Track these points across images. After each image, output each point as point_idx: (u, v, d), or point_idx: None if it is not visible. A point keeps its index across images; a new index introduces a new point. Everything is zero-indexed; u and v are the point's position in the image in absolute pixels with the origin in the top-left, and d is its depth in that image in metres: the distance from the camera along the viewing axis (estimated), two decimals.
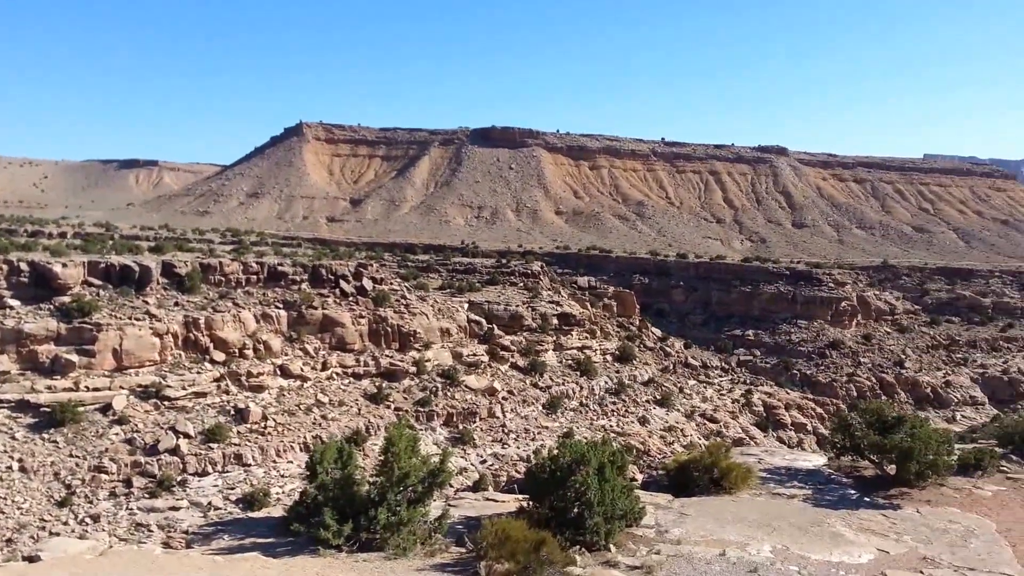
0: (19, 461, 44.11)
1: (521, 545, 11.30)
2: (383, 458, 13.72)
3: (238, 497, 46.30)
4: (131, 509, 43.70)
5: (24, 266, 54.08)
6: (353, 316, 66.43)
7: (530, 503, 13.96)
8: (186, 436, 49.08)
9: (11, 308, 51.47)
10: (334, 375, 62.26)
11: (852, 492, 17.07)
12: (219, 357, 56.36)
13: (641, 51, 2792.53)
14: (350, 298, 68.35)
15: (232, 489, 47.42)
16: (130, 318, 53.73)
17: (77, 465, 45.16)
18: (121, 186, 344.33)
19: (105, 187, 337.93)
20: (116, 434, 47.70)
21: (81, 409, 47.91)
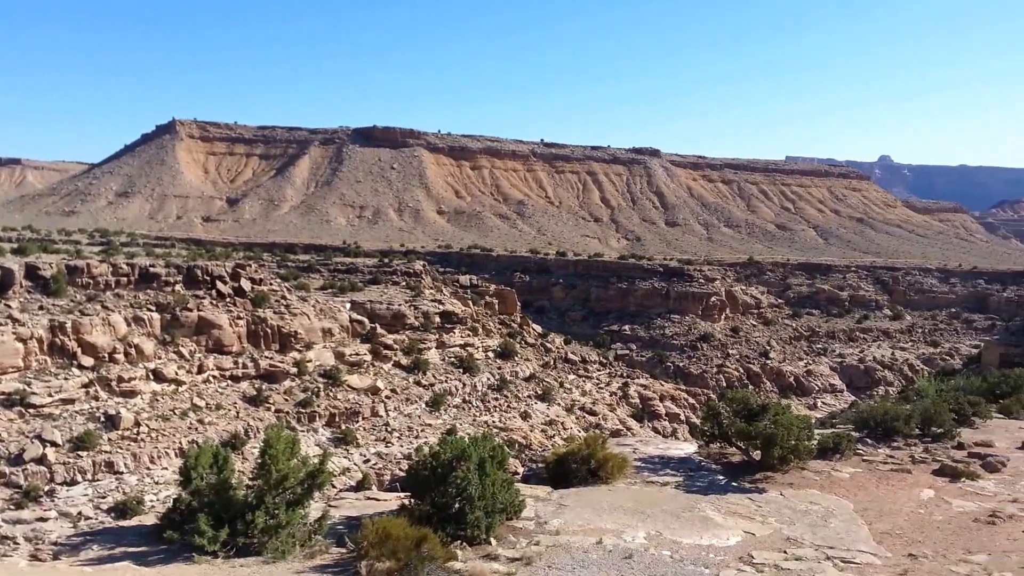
0: None
1: (402, 543, 11.33)
2: (261, 461, 13.45)
3: (110, 506, 44.49)
4: None
5: None
6: (231, 318, 64.30)
7: (412, 500, 13.94)
8: (53, 445, 46.85)
9: None
10: (211, 378, 60.14)
11: (721, 478, 17.63)
12: (88, 362, 53.54)
13: (520, 54, 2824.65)
14: (227, 299, 66.09)
15: (103, 498, 45.59)
16: None
17: None
18: None
19: None
20: None
21: None
